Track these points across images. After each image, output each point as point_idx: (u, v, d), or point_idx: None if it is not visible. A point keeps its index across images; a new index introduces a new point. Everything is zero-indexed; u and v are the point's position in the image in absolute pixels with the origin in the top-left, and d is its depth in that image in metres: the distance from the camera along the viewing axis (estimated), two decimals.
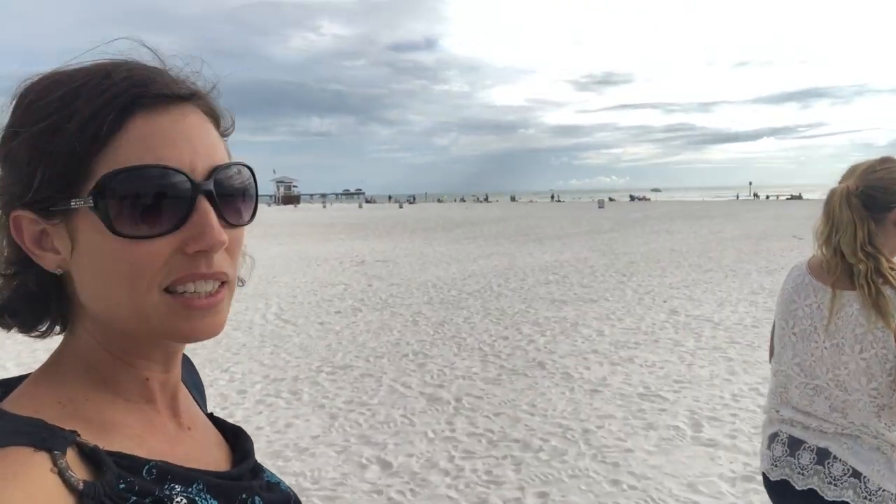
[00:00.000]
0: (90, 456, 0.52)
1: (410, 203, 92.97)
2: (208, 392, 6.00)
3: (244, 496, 0.63)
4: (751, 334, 7.59)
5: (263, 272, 14.98)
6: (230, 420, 0.77)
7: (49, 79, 0.57)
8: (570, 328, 8.16)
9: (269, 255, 19.30)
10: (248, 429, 4.08)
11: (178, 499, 0.55)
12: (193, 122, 0.58)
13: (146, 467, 0.55)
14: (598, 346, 7.22)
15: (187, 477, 0.57)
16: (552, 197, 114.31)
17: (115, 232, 0.53)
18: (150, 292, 0.55)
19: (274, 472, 0.74)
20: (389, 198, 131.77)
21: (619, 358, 6.68)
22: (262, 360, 6.97)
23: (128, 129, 0.54)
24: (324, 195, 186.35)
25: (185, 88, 0.58)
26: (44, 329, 0.62)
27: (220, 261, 0.57)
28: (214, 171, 0.57)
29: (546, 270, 13.91)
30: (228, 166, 0.59)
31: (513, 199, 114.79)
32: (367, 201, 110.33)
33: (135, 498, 0.52)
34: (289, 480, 4.02)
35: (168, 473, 0.56)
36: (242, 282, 0.70)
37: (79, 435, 0.52)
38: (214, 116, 0.62)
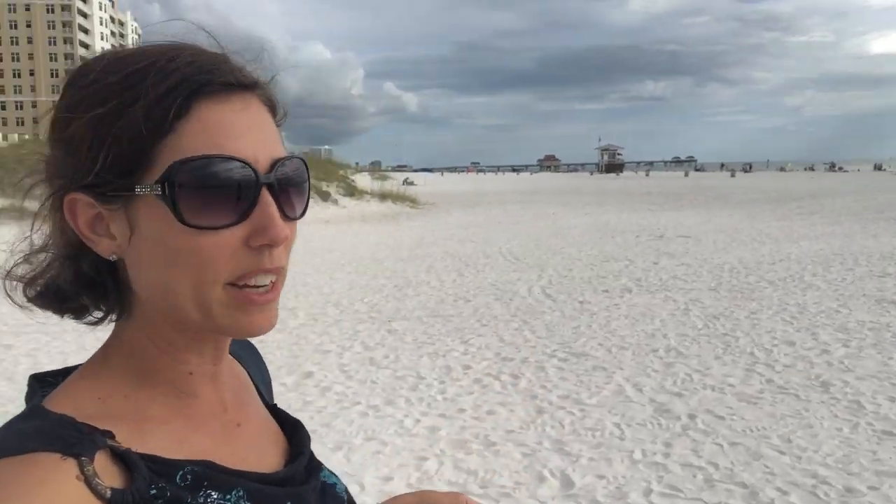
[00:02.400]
0: (123, 459, 0.50)
1: (746, 172, 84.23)
2: (444, 362, 6.18)
3: (289, 503, 0.60)
4: None
5: (554, 242, 14.88)
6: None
7: (113, 58, 0.55)
8: (888, 341, 6.28)
9: (567, 225, 19.18)
10: (451, 409, 3.77)
11: None
12: (256, 112, 0.57)
13: (180, 473, 0.53)
14: None
15: (226, 483, 0.55)
16: None
17: (183, 221, 0.52)
18: (214, 285, 0.54)
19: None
20: (722, 166, 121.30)
21: None
22: (504, 336, 6.77)
23: (193, 117, 0.53)
24: (650, 163, 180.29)
25: (248, 77, 0.57)
26: (99, 317, 0.61)
27: (279, 255, 0.56)
28: (276, 164, 0.56)
29: (887, 259, 11.12)
30: (288, 159, 0.57)
31: (878, 167, 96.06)
32: (696, 170, 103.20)
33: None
34: (459, 478, 3.76)
35: (205, 479, 0.54)
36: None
37: (113, 437, 0.51)
38: (272, 107, 0.60)
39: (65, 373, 0.60)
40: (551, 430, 4.34)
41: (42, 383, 0.59)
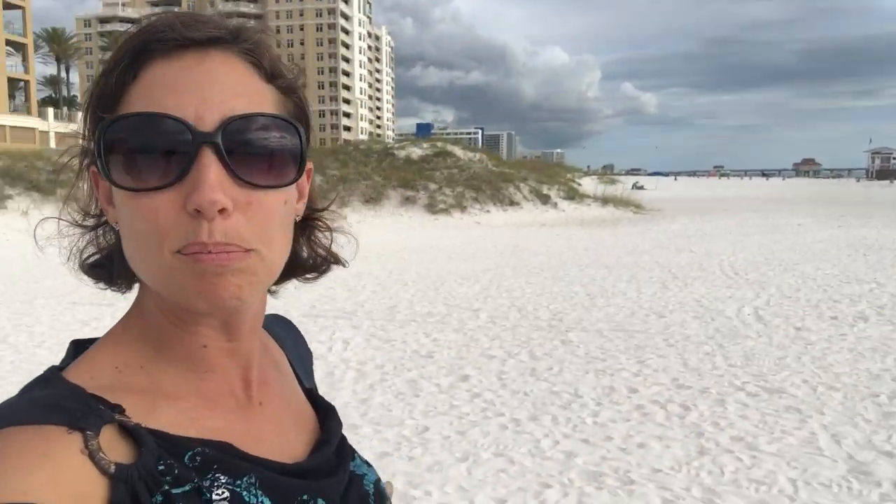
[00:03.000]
0: (132, 434, 0.50)
1: None
2: (609, 382, 5.70)
3: (305, 497, 0.57)
4: None
5: (788, 256, 13.13)
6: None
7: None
8: None
9: (811, 239, 16.83)
10: (597, 435, 3.66)
11: (221, 491, 0.52)
12: (212, 66, 0.52)
13: (190, 453, 0.52)
14: None
15: (238, 469, 0.53)
16: None
17: (113, 183, 0.52)
18: (161, 251, 0.51)
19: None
20: None
21: None
22: (689, 360, 6.06)
23: (141, 79, 0.52)
24: None
25: (204, 31, 0.53)
26: (123, 286, 0.63)
27: (227, 228, 0.50)
28: (228, 122, 0.51)
29: None
30: (248, 116, 0.52)
31: None
32: None
33: (170, 482, 0.49)
34: None
35: (215, 462, 0.52)
36: (346, 262, 0.71)
37: (122, 411, 0.51)
38: (256, 62, 0.55)
39: (92, 342, 0.60)
40: (706, 476, 3.73)
41: (79, 349, 0.59)
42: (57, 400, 0.49)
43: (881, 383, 5.33)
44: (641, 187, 47.22)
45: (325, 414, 0.69)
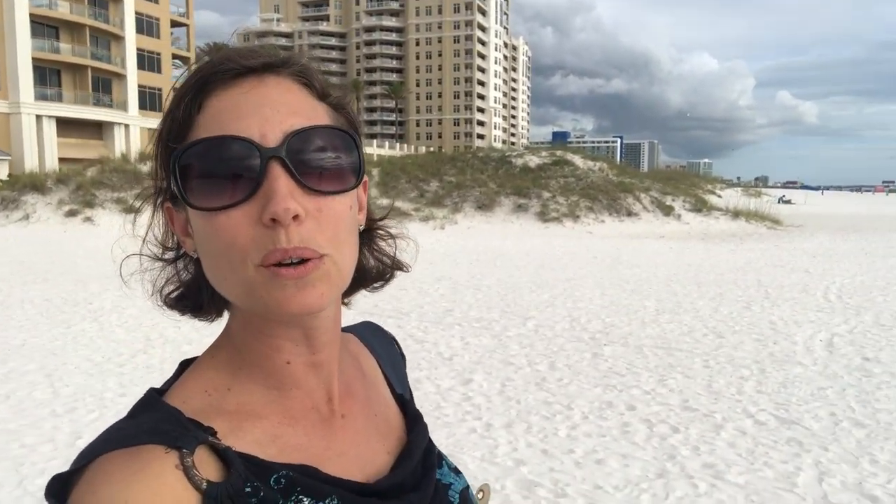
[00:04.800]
0: (222, 456, 0.54)
1: None
2: (609, 397, 5.46)
3: None
4: None
5: None
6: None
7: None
8: None
9: None
10: (560, 447, 5.83)
11: None
12: (269, 90, 0.57)
13: (275, 476, 0.55)
14: None
15: (320, 491, 0.56)
16: None
17: (192, 206, 0.55)
18: (244, 267, 0.54)
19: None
20: None
21: None
22: (723, 380, 5.71)
23: (205, 109, 0.56)
24: None
25: (258, 59, 0.58)
26: (212, 315, 0.66)
27: (302, 233, 0.54)
28: (290, 137, 0.55)
29: None
30: (308, 129, 0.56)
31: None
32: None
33: (257, 503, 0.53)
34: None
35: (298, 485, 0.56)
36: (408, 267, 0.73)
37: (214, 433, 0.55)
38: (308, 82, 0.60)
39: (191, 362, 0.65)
40: (647, 499, 3.58)
41: (183, 369, 0.64)
42: (156, 423, 0.54)
43: None
44: (788, 201, 43.71)
45: (413, 422, 0.70)
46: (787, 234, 23.56)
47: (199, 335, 6.80)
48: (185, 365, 0.64)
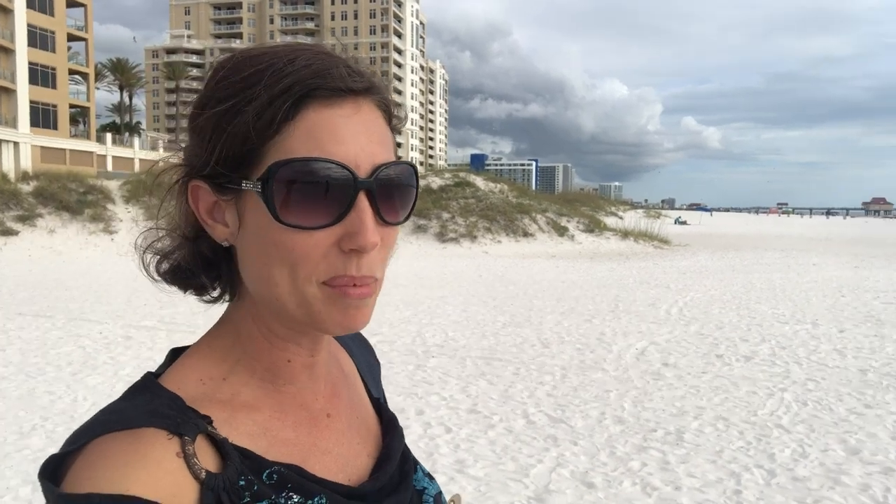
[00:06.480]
0: (218, 447, 0.54)
1: None
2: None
3: None
4: None
5: (759, 296, 12.72)
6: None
7: (242, 57, 0.59)
8: None
9: (804, 280, 16.16)
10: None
11: None
12: (365, 117, 0.58)
13: (268, 471, 0.56)
14: None
15: (309, 490, 0.58)
16: None
17: (278, 219, 0.55)
18: (309, 282, 0.56)
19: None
20: None
21: None
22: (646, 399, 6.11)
23: (300, 119, 0.55)
24: None
25: (361, 82, 0.58)
26: (215, 295, 0.66)
27: (370, 262, 0.57)
28: (378, 169, 0.57)
29: None
30: (392, 164, 0.58)
31: None
32: None
33: (250, 497, 0.54)
34: None
35: (289, 482, 0.57)
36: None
37: (211, 422, 0.55)
38: (387, 111, 0.62)
39: (184, 350, 0.65)
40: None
41: (175, 357, 0.63)
42: (157, 407, 0.54)
43: None
44: (684, 222, 46.28)
45: (388, 426, 0.71)
46: (672, 253, 24.93)
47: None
48: (176, 353, 0.63)
